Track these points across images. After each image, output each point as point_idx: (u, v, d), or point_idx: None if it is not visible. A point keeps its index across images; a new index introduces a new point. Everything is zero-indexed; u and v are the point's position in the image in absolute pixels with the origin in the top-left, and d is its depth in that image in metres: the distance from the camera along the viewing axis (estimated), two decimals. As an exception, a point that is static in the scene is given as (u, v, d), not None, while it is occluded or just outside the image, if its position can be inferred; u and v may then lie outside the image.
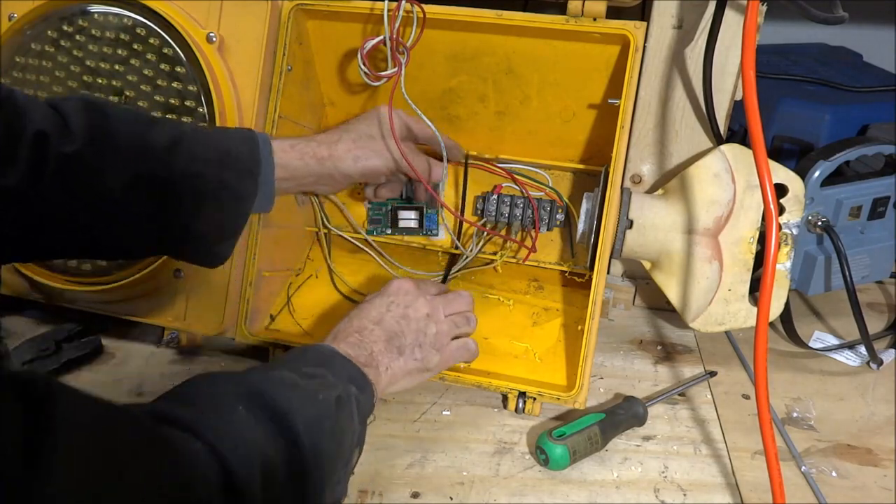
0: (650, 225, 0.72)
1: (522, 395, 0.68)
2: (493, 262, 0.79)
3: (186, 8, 0.70)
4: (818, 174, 0.75)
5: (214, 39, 0.69)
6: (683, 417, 0.70)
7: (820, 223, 0.75)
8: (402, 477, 0.63)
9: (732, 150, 0.71)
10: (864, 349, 0.75)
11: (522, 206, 0.78)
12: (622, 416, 0.66)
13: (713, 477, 0.64)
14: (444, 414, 0.70)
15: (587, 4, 0.66)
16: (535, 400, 0.68)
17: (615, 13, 0.66)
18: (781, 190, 0.71)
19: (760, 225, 0.71)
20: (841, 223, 0.77)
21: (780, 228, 0.69)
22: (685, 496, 0.62)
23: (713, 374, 0.75)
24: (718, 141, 0.75)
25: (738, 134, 0.94)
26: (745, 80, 0.59)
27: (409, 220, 0.82)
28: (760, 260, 0.70)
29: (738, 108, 0.69)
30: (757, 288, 0.60)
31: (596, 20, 0.66)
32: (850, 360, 0.78)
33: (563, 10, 0.67)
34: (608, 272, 0.73)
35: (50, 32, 0.70)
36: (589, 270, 0.71)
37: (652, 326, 0.84)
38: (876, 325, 0.82)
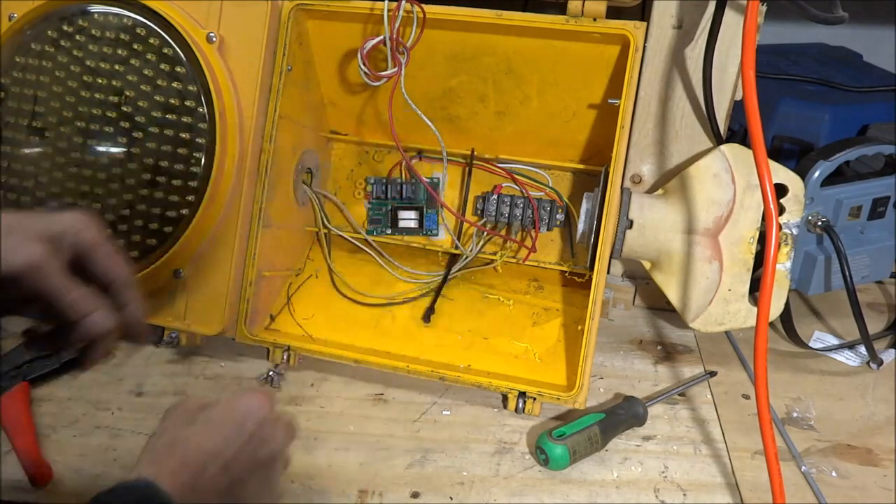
0: (650, 225, 0.72)
1: (522, 395, 0.68)
2: (493, 262, 0.79)
3: (186, 8, 0.70)
4: (818, 174, 0.75)
5: (214, 39, 0.69)
6: (683, 417, 0.70)
7: (820, 223, 0.75)
8: (402, 477, 0.63)
9: (732, 150, 0.71)
10: (864, 349, 0.75)
11: (522, 206, 0.78)
12: (622, 416, 0.66)
13: (713, 477, 0.64)
14: (444, 414, 0.70)
15: (587, 4, 0.66)
16: (535, 400, 0.68)
17: (615, 13, 0.66)
18: (781, 190, 0.71)
19: (760, 225, 0.71)
20: (841, 223, 0.77)
21: (780, 228, 0.69)
22: (685, 496, 0.62)
23: (713, 374, 0.75)
24: (718, 141, 0.75)
25: (738, 134, 0.94)
26: (745, 80, 0.59)
27: (409, 220, 0.82)
28: (760, 260, 0.70)
29: (738, 108, 0.69)
30: (757, 288, 0.60)
31: (596, 20, 0.66)
32: (850, 360, 0.78)
33: (563, 10, 0.67)
34: (608, 272, 0.73)
35: (50, 32, 0.70)
36: (589, 270, 0.71)
37: (652, 326, 0.84)
38: (876, 325, 0.82)
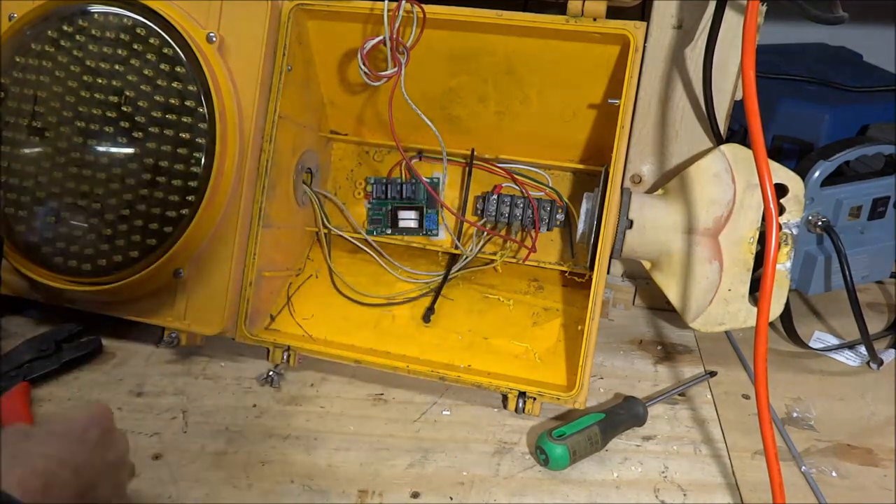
0: (650, 225, 0.72)
1: (522, 395, 0.68)
2: (493, 262, 0.79)
3: (186, 8, 0.70)
4: (818, 174, 0.75)
5: (214, 39, 0.69)
6: (683, 417, 0.70)
7: (820, 223, 0.75)
8: (402, 477, 0.63)
9: (732, 150, 0.71)
10: (864, 349, 0.75)
11: (522, 206, 0.78)
12: (622, 416, 0.66)
13: (713, 477, 0.64)
14: (444, 414, 0.70)
15: (587, 4, 0.66)
16: (535, 400, 0.68)
17: (615, 13, 0.66)
18: (781, 190, 0.71)
19: (760, 225, 0.71)
20: (841, 223, 0.77)
21: (780, 228, 0.69)
22: (685, 496, 0.62)
23: (713, 374, 0.75)
24: (718, 141, 0.75)
25: (738, 134, 0.94)
26: (745, 80, 0.59)
27: (409, 220, 0.82)
28: (760, 260, 0.70)
29: (738, 108, 0.69)
30: (757, 288, 0.60)
31: (596, 20, 0.66)
32: (850, 360, 0.78)
33: (563, 10, 0.67)
34: (608, 272, 0.73)
35: (50, 32, 0.70)
36: (589, 270, 0.71)
37: (652, 326, 0.84)
38: (876, 325, 0.82)
